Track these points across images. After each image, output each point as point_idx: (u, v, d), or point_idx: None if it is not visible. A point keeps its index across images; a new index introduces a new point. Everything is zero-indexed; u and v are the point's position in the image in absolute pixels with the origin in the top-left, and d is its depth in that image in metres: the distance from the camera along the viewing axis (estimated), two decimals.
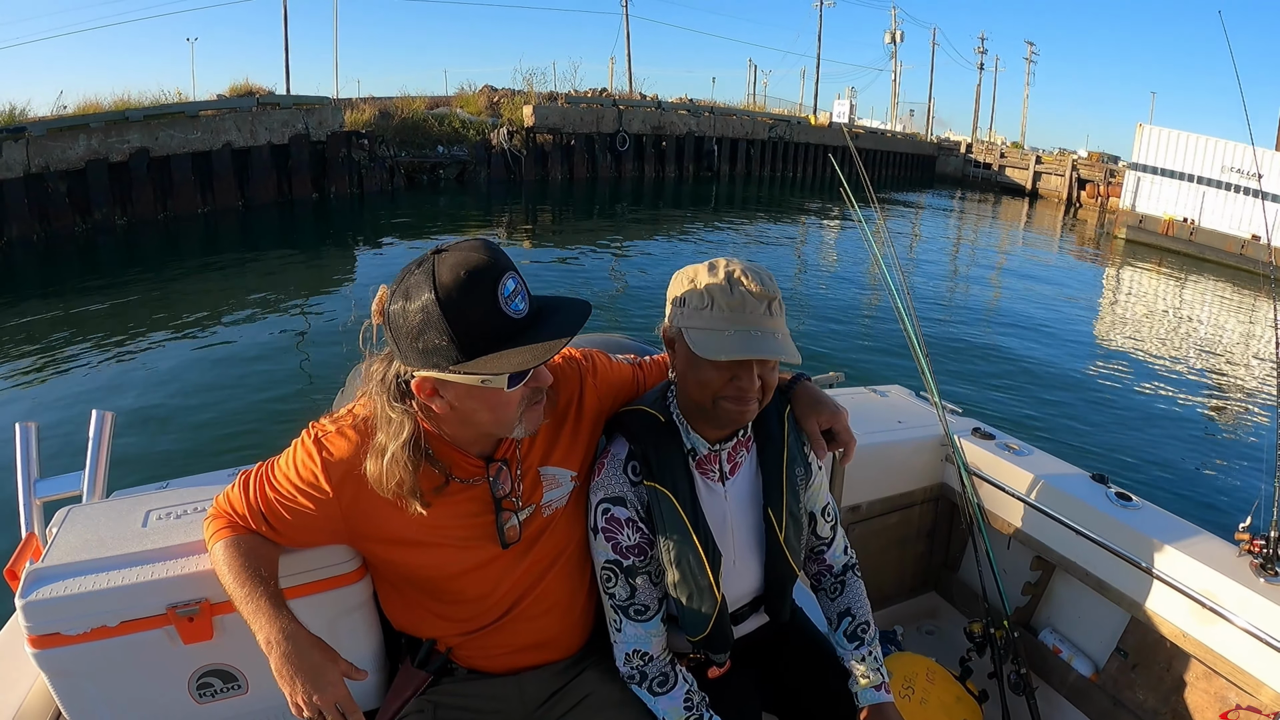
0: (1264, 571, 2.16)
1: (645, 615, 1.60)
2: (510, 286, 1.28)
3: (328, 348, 8.90)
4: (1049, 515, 2.66)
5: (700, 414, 1.56)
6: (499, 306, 1.27)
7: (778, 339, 1.44)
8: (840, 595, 1.86)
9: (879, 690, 1.74)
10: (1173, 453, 7.81)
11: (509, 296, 1.28)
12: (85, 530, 1.60)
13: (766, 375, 1.48)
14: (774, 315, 1.46)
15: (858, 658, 1.77)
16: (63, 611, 1.42)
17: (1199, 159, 26.27)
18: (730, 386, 1.46)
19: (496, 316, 1.28)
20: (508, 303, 1.28)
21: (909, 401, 3.28)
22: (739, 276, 1.45)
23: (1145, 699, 2.43)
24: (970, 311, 13.68)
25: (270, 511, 1.48)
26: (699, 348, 1.43)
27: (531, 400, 1.41)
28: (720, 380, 1.46)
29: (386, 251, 15.47)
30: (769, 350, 1.42)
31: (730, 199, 28.08)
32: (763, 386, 1.48)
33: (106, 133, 15.96)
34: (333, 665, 1.37)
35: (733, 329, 1.42)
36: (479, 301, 1.26)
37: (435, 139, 23.73)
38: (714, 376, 1.46)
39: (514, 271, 1.31)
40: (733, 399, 1.47)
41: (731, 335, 1.42)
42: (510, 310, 1.28)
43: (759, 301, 1.44)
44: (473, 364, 1.28)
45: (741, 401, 1.47)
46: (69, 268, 13.41)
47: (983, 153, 49.79)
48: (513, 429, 1.42)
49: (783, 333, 1.46)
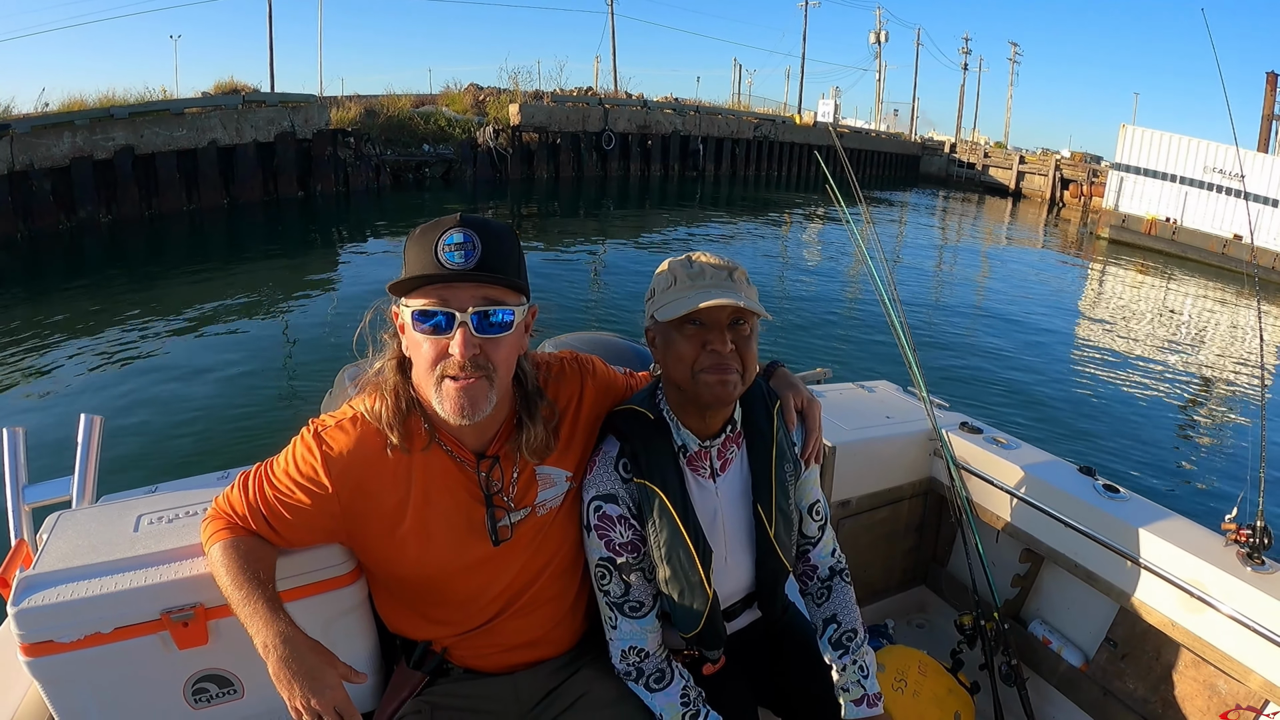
0: (1250, 560, 2.19)
1: (640, 612, 1.61)
2: (453, 239, 1.35)
3: (315, 348, 8.88)
4: (1037, 508, 2.68)
5: (687, 401, 1.57)
6: (433, 251, 1.35)
7: (740, 292, 1.48)
8: (826, 601, 1.84)
9: (860, 705, 1.73)
10: (1159, 445, 7.90)
11: (448, 245, 1.35)
12: (76, 536, 1.59)
13: (740, 343, 1.49)
14: (736, 282, 1.50)
15: (839, 667, 1.76)
16: (55, 619, 1.40)
17: (1181, 159, 26.57)
18: (705, 355, 1.47)
19: (425, 256, 1.36)
20: (442, 250, 1.35)
21: (896, 396, 3.30)
22: (698, 256, 1.55)
23: (1135, 688, 2.46)
24: (956, 308, 13.78)
25: (269, 509, 1.48)
26: (665, 315, 1.47)
27: (446, 370, 1.39)
28: (693, 349, 1.48)
29: (372, 250, 15.40)
30: (730, 296, 1.44)
31: (715, 198, 28.15)
32: (740, 356, 1.49)
33: (91, 130, 15.80)
34: (331, 668, 1.37)
35: (695, 291, 1.47)
36: (424, 244, 1.36)
37: (421, 137, 23.65)
38: (687, 348, 1.48)
39: (476, 235, 1.36)
40: (710, 369, 1.47)
41: (693, 294, 1.47)
42: (441, 257, 1.35)
43: (720, 270, 1.51)
44: (392, 284, 1.39)
45: (719, 370, 1.47)
46: (53, 267, 13.29)
47: (967, 152, 50.11)
48: (431, 393, 1.41)
49: (747, 292, 1.50)
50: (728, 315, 1.48)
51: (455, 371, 1.38)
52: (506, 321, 1.40)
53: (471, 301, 1.36)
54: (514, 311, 1.41)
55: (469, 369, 1.38)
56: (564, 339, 2.66)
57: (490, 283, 1.37)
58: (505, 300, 1.40)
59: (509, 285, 1.40)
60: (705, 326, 1.48)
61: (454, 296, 1.36)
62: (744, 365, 1.50)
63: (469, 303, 1.36)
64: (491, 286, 1.38)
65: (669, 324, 1.50)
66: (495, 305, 1.38)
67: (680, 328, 1.49)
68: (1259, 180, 23.81)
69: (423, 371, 1.42)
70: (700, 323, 1.48)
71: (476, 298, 1.37)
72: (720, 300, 1.43)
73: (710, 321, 1.48)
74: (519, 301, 1.44)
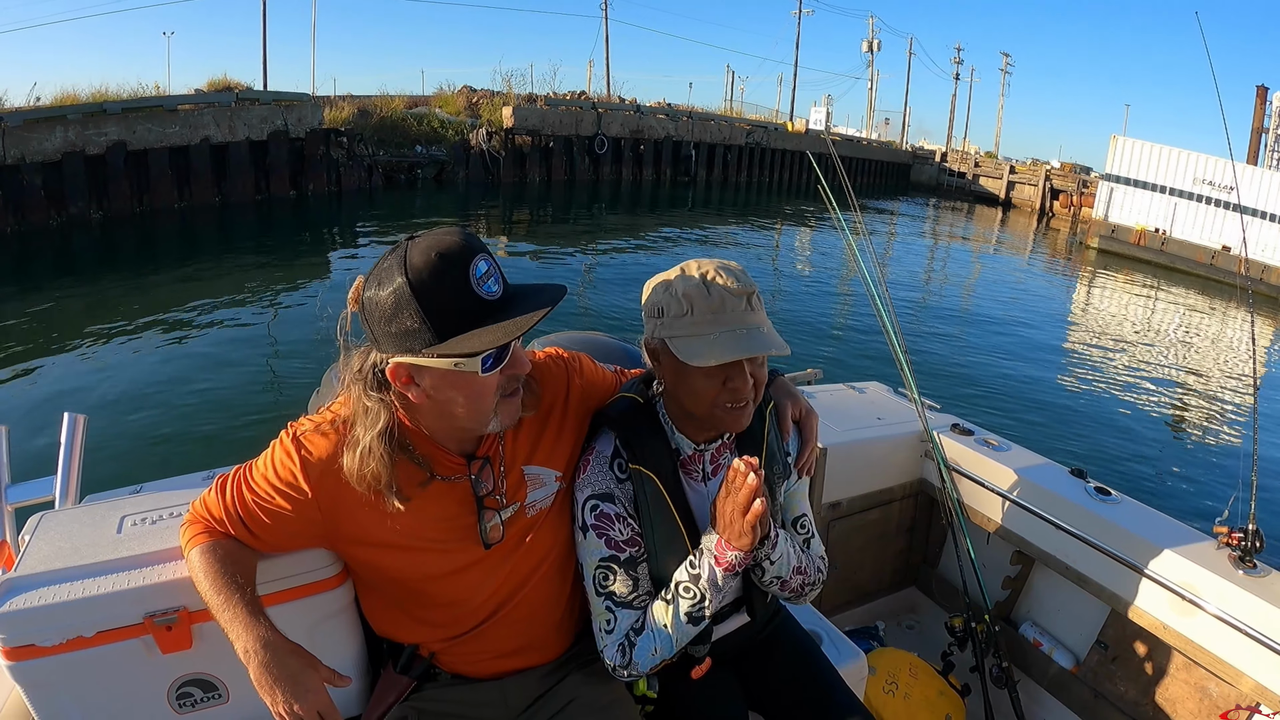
0: (1242, 564, 2.20)
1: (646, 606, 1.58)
2: (482, 268, 1.27)
3: (303, 348, 8.81)
4: (1028, 510, 2.68)
5: (691, 420, 1.56)
6: (470, 288, 1.26)
7: (764, 333, 1.43)
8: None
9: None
10: (1151, 449, 7.95)
11: (481, 278, 1.27)
12: (59, 537, 1.56)
13: (758, 372, 1.47)
14: (755, 310, 1.45)
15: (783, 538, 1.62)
16: (37, 622, 1.38)
17: (1171, 170, 26.82)
18: (725, 392, 1.45)
19: (468, 297, 1.26)
20: (480, 284, 1.27)
21: (888, 398, 3.30)
22: (713, 277, 1.44)
23: (1125, 690, 2.46)
24: (947, 313, 13.86)
25: (248, 514, 1.45)
26: (687, 356, 1.41)
27: (507, 389, 1.39)
28: (713, 387, 1.45)
29: (363, 251, 15.35)
30: (759, 346, 1.41)
31: (707, 203, 28.23)
32: (755, 384, 1.47)
33: (84, 125, 15.68)
34: (313, 672, 1.35)
35: (718, 331, 1.41)
36: (450, 283, 1.25)
37: (414, 139, 23.59)
38: (706, 385, 1.45)
39: (487, 254, 1.30)
40: (729, 404, 1.46)
41: (718, 337, 1.40)
42: (483, 292, 1.27)
43: (738, 299, 1.43)
44: (445, 345, 1.27)
45: (738, 405, 1.46)
46: (42, 262, 13.19)
47: (957, 161, 50.42)
48: (489, 421, 1.40)
49: (767, 326, 1.45)
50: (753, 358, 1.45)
51: (513, 388, 1.39)
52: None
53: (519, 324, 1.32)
54: None
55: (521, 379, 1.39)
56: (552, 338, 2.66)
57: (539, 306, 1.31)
58: None
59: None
60: (727, 365, 1.43)
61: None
62: (758, 390, 1.49)
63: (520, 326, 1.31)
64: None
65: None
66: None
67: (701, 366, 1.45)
68: (1248, 192, 24.02)
69: (476, 412, 1.38)
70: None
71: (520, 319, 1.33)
72: (752, 354, 1.40)
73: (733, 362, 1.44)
74: None
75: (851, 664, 2.07)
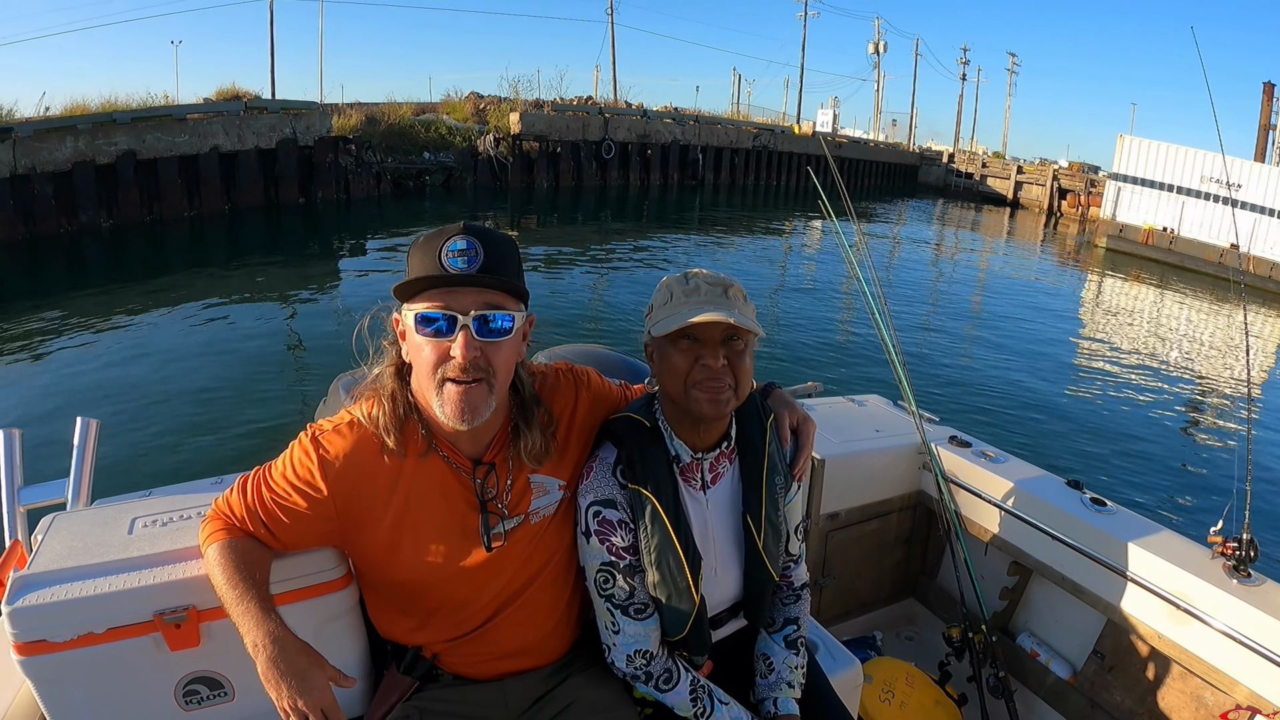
0: (1237, 573, 2.21)
1: (645, 613, 1.62)
2: (457, 245, 1.39)
3: (311, 356, 8.89)
4: (1025, 521, 2.70)
5: (681, 414, 1.59)
6: (437, 256, 1.38)
7: (734, 307, 1.50)
8: (793, 605, 1.88)
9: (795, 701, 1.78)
10: (1146, 459, 7.91)
11: (452, 251, 1.38)
12: (71, 537, 1.60)
13: (733, 358, 1.52)
14: (731, 298, 1.52)
15: (791, 665, 1.79)
16: (49, 618, 1.42)
17: (1179, 169, 26.67)
18: (697, 369, 1.50)
19: (429, 261, 1.39)
20: (446, 256, 1.38)
21: (886, 410, 3.32)
22: (695, 271, 1.57)
23: (1122, 700, 2.47)
24: (949, 321, 13.79)
25: (266, 512, 1.50)
26: (660, 330, 1.50)
27: (447, 374, 1.42)
28: (686, 363, 1.51)
29: (372, 259, 15.41)
30: (722, 312, 1.46)
31: (715, 207, 28.18)
32: (732, 371, 1.51)
33: (94, 135, 15.86)
34: (319, 670, 1.39)
35: (688, 307, 1.49)
36: (428, 249, 1.40)
37: (422, 145, 23.70)
38: (680, 361, 1.51)
39: (478, 240, 1.40)
40: (703, 383, 1.50)
41: (686, 309, 1.49)
42: (445, 262, 1.38)
43: (714, 286, 1.52)
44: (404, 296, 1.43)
45: (712, 385, 1.50)
46: (54, 270, 13.30)
47: (965, 162, 50.24)
48: (431, 396, 1.45)
49: (742, 308, 1.52)
50: (721, 331, 1.50)
51: (456, 374, 1.41)
52: (506, 327, 1.44)
53: (473, 305, 1.40)
54: (514, 317, 1.45)
55: (470, 372, 1.41)
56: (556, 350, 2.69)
57: (492, 287, 1.41)
58: (505, 305, 1.44)
59: (510, 291, 1.45)
60: (699, 342, 1.50)
61: (456, 300, 1.40)
62: (737, 381, 1.52)
63: (471, 307, 1.40)
64: (493, 292, 1.42)
65: (664, 338, 1.52)
66: (496, 310, 1.42)
67: (674, 342, 1.52)
68: (1256, 189, 23.89)
69: (424, 375, 1.45)
70: (694, 338, 1.51)
71: (478, 302, 1.40)
72: (711, 316, 1.45)
73: (704, 337, 1.50)
74: (519, 308, 1.48)
75: (846, 672, 2.09)
